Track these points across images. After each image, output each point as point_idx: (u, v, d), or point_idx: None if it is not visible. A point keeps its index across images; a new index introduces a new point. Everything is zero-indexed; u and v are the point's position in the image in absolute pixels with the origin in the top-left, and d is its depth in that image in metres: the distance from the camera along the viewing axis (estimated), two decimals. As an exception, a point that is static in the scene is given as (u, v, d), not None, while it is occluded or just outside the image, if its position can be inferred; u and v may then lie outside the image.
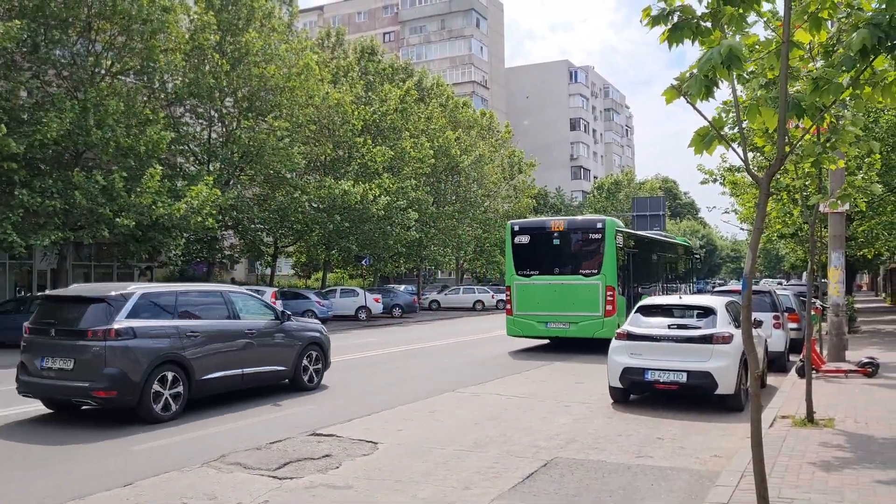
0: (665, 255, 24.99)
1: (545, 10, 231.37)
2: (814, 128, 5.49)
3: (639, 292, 19.55)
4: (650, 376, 9.92)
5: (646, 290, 20.48)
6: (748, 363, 4.90)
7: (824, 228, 14.42)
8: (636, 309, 11.10)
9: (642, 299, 12.03)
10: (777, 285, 31.50)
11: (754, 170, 5.47)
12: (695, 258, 32.17)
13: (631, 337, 10.29)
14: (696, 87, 4.52)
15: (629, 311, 13.46)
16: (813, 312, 11.51)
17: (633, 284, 19.69)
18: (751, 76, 6.21)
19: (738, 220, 26.72)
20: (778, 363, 14.00)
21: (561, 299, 17.83)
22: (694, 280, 31.17)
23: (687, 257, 29.48)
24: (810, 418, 8.51)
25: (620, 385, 10.27)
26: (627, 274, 19.11)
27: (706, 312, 10.32)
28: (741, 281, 7.85)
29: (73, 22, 22.74)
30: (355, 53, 42.84)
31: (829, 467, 6.60)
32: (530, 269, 18.43)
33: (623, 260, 18.51)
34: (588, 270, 17.80)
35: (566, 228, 18.37)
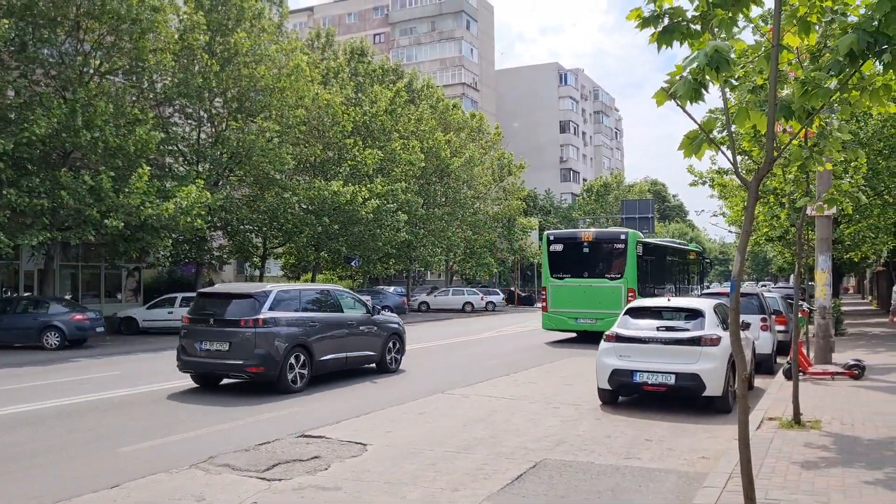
0: (678, 260, 28.26)
1: (536, 14, 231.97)
2: (802, 132, 5.52)
3: (655, 293, 22.24)
4: (639, 378, 9.95)
5: (661, 291, 23.45)
6: (736, 365, 4.93)
7: (811, 231, 14.52)
8: (625, 311, 11.13)
9: None
10: (761, 287, 32.44)
11: (743, 173, 5.50)
12: (706, 262, 35.28)
13: (620, 339, 10.29)
14: (686, 90, 4.54)
15: None
16: (800, 315, 11.58)
17: (651, 285, 22.48)
18: (739, 81, 6.25)
19: (727, 223, 27.00)
20: (765, 365, 14.09)
21: (589, 299, 20.52)
22: (706, 283, 35.38)
23: (699, 261, 33.18)
24: (797, 420, 8.55)
25: (609, 387, 10.29)
26: (646, 277, 21.92)
27: (694, 315, 10.34)
28: (729, 283, 7.91)
29: (62, 21, 22.55)
30: (345, 55, 42.76)
31: (816, 468, 6.65)
32: (563, 273, 21.28)
33: (643, 265, 21.30)
34: (613, 274, 20.67)
35: (595, 239, 21.45)
